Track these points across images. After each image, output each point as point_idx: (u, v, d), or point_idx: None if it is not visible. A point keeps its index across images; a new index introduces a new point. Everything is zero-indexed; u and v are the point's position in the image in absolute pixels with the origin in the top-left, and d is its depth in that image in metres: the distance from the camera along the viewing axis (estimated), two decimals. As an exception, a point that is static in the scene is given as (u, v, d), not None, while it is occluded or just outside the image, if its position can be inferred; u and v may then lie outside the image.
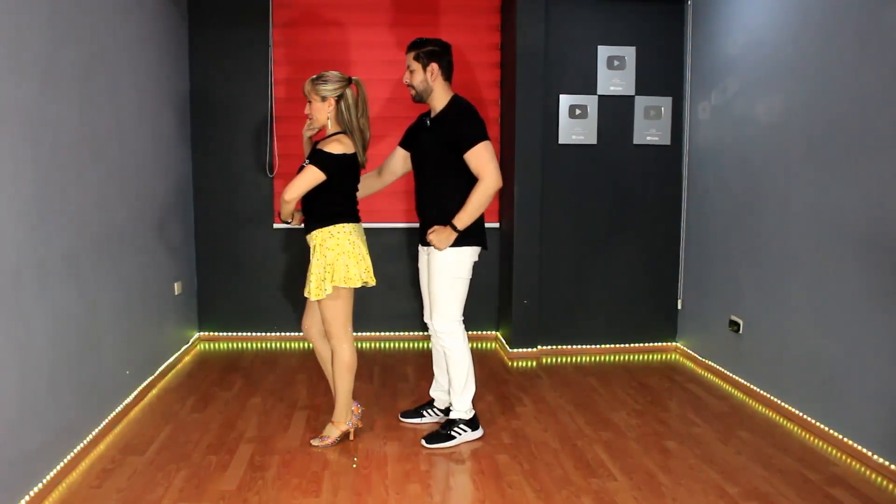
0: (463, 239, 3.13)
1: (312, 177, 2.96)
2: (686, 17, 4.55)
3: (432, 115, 3.21)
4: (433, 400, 3.50)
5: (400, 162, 3.39)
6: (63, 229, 2.88)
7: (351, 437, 3.25)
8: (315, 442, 3.18)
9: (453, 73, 3.22)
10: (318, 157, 2.97)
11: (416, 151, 3.28)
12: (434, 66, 3.12)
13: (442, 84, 3.16)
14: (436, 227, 3.11)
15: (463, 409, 3.24)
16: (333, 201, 3.06)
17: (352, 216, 3.11)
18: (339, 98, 3.02)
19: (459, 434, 3.22)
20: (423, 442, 3.19)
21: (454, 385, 3.24)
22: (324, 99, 3.01)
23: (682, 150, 4.64)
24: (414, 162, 3.31)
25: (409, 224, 4.74)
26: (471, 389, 3.27)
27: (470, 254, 3.19)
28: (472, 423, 3.26)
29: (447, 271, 3.16)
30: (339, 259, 3.02)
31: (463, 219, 3.08)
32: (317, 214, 3.06)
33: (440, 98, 3.17)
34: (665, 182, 4.66)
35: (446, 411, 3.46)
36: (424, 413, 3.47)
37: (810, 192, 3.41)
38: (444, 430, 3.23)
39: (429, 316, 3.37)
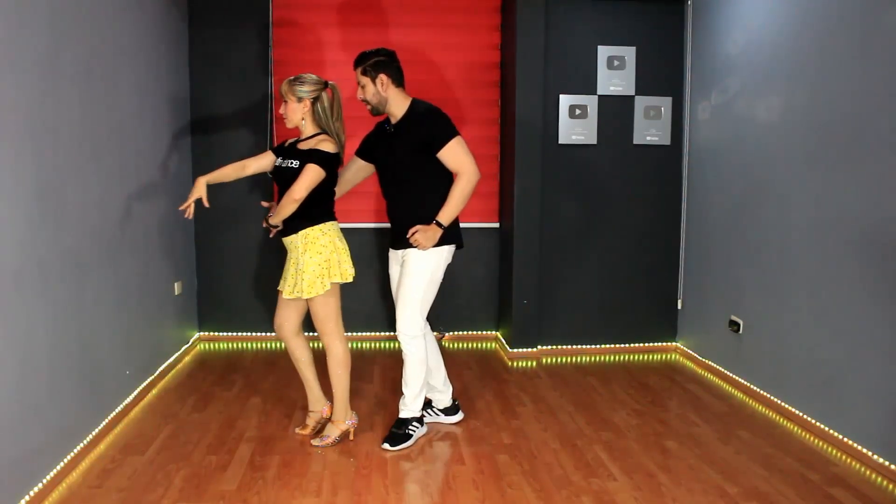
0: (442, 238, 3.14)
1: (316, 175, 3.00)
2: (686, 17, 4.55)
3: (393, 121, 3.21)
4: (431, 401, 3.50)
5: (358, 171, 3.42)
6: (63, 229, 2.88)
7: (351, 437, 3.25)
8: (315, 442, 3.19)
9: (405, 78, 3.21)
10: (318, 157, 3.00)
11: (382, 159, 3.28)
12: (382, 76, 3.12)
13: (395, 91, 3.16)
14: (419, 227, 3.11)
15: (416, 409, 3.29)
16: (323, 200, 3.11)
17: (332, 215, 3.17)
18: (315, 100, 3.08)
19: (415, 431, 3.26)
20: (387, 445, 3.17)
21: (412, 387, 3.25)
22: (300, 100, 3.07)
23: (682, 150, 4.64)
24: (381, 170, 3.31)
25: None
26: (424, 391, 3.32)
27: (447, 253, 3.22)
28: (422, 420, 3.33)
29: (426, 270, 3.16)
30: (334, 256, 3.08)
31: (447, 214, 3.11)
32: (305, 214, 3.07)
33: (398, 105, 3.17)
34: (665, 182, 4.66)
35: (446, 410, 3.48)
36: (425, 413, 3.47)
37: (810, 192, 3.41)
38: (401, 430, 3.24)
39: None
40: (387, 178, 3.28)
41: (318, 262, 3.05)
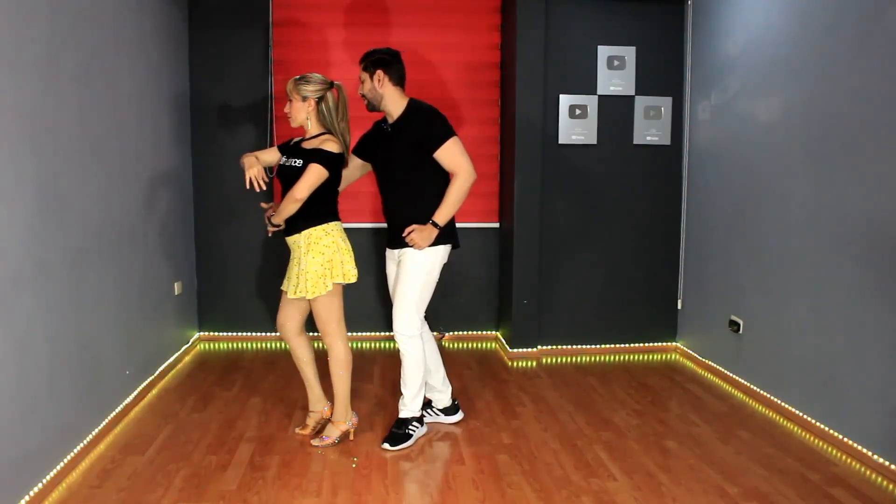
0: (438, 238, 3.15)
1: (319, 175, 3.00)
2: (686, 17, 4.55)
3: (390, 121, 3.22)
4: (430, 401, 3.50)
5: (355, 170, 3.42)
6: (63, 229, 2.88)
7: (351, 437, 3.25)
8: (315, 442, 3.19)
9: (406, 80, 3.22)
10: (321, 156, 3.00)
11: (379, 159, 3.29)
12: (380, 72, 3.13)
13: (392, 89, 3.16)
14: (415, 226, 3.12)
15: (416, 409, 3.29)
16: (327, 200, 3.11)
17: (336, 215, 3.17)
18: (320, 100, 3.08)
19: (415, 431, 3.26)
20: (387, 445, 3.18)
21: (411, 388, 3.26)
22: (304, 99, 3.07)
23: (682, 150, 4.65)
24: (378, 169, 3.31)
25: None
26: (423, 391, 3.32)
27: (443, 252, 3.22)
28: (421, 420, 3.33)
29: (422, 270, 3.17)
30: (336, 256, 3.07)
31: (443, 214, 3.11)
32: (308, 213, 3.08)
33: (394, 103, 3.17)
34: (665, 182, 4.66)
35: (445, 410, 3.48)
36: (425, 413, 3.47)
37: (810, 192, 3.41)
38: (401, 430, 3.24)
39: None
40: (384, 177, 3.28)
41: (320, 262, 3.05)
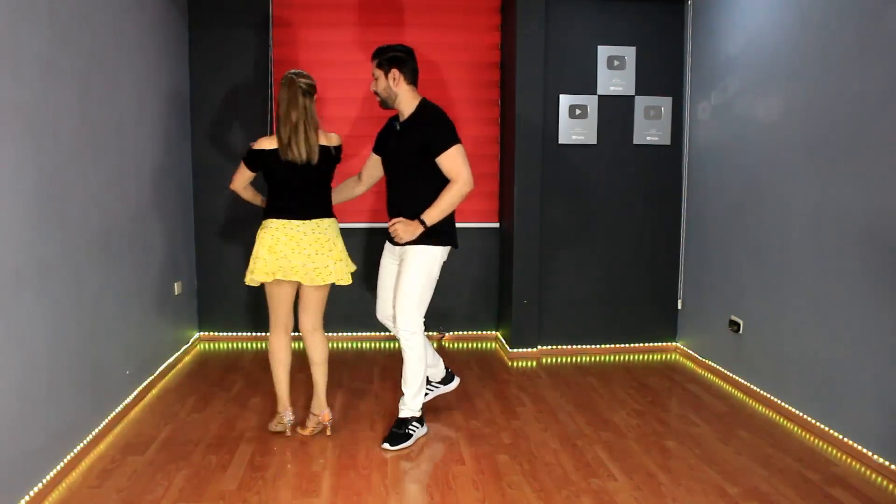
0: (438, 238, 3.17)
1: (240, 169, 3.19)
2: (686, 17, 4.56)
3: (401, 119, 3.24)
4: (427, 377, 3.51)
5: (377, 167, 3.45)
6: (63, 229, 2.88)
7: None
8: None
9: (419, 77, 3.24)
10: (245, 152, 3.17)
11: (387, 156, 3.31)
12: (395, 71, 3.14)
13: (406, 88, 3.18)
14: (402, 219, 3.13)
15: (416, 408, 3.29)
16: (270, 196, 3.18)
17: (280, 212, 3.13)
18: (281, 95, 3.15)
19: (415, 431, 3.26)
20: (387, 445, 3.18)
21: (411, 386, 3.27)
22: None
23: (682, 150, 4.65)
24: (386, 166, 3.34)
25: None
26: (423, 390, 3.33)
27: (442, 253, 3.24)
28: (422, 420, 3.32)
29: (424, 270, 3.19)
30: (260, 252, 3.11)
31: (432, 215, 3.12)
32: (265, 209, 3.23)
33: (407, 103, 3.19)
34: (665, 182, 4.66)
35: (443, 380, 3.55)
36: (428, 390, 3.51)
37: (810, 192, 3.41)
38: (401, 430, 3.24)
39: (381, 313, 3.43)
40: (390, 173, 3.32)
41: (252, 255, 3.15)
